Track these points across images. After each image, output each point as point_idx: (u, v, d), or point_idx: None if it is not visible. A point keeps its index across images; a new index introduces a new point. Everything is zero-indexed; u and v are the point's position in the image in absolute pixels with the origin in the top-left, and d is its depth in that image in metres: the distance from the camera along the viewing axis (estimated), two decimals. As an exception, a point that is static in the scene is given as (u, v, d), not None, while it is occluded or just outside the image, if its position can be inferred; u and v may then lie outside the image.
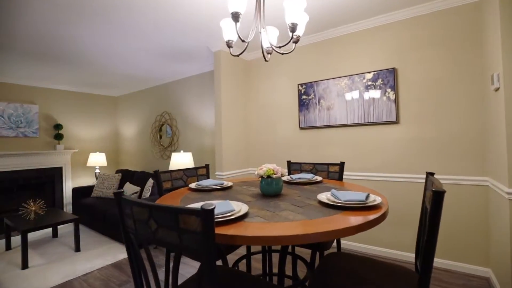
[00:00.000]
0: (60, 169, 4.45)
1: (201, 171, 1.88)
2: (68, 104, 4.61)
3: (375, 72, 2.48)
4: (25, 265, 2.53)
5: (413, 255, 2.34)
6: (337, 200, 1.07)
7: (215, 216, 0.89)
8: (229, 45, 1.53)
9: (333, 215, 0.94)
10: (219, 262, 2.25)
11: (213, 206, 0.65)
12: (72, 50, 3.03)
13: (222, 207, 0.97)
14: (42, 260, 2.72)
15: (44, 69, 3.65)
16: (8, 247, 3.02)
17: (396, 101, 2.39)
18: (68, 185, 4.53)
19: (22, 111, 4.04)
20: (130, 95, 5.09)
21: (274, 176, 1.27)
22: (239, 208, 0.99)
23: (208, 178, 1.93)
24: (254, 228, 0.83)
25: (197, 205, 1.07)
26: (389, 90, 2.41)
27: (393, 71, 2.39)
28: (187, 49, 3.08)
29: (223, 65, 3.03)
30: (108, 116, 5.22)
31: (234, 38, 1.53)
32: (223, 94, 3.03)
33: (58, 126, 4.36)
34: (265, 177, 1.29)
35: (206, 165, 1.92)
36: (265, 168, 1.29)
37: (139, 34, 2.66)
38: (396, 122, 2.39)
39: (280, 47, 1.43)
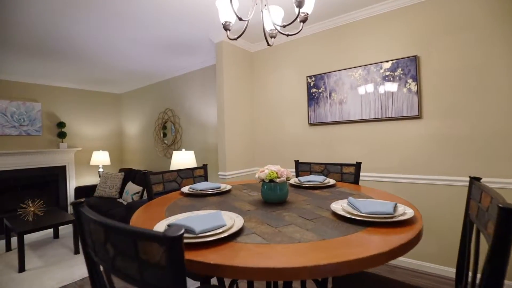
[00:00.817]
0: (63, 167, 4.38)
1: (198, 172, 1.68)
2: (71, 101, 4.52)
3: (393, 61, 2.21)
4: (22, 268, 2.44)
5: (439, 267, 2.07)
6: (356, 212, 0.85)
7: (198, 235, 0.69)
8: (226, 27, 1.32)
9: (352, 234, 0.72)
10: (214, 281, 2.06)
11: (181, 232, 0.45)
12: (71, 45, 2.91)
13: (210, 220, 0.77)
14: (40, 262, 2.63)
15: (46, 66, 3.56)
16: (8, 248, 2.95)
17: (419, 93, 2.11)
18: (72, 184, 4.45)
19: (25, 109, 3.98)
20: (133, 92, 4.96)
21: (278, 180, 1.06)
22: (232, 222, 0.79)
23: (206, 179, 1.74)
24: (247, 254, 0.62)
25: (179, 218, 0.87)
26: (410, 80, 2.14)
27: (414, 60, 2.12)
28: (188, 39, 2.89)
29: (225, 57, 2.82)
30: (112, 114, 5.11)
31: (231, 19, 1.33)
32: (226, 88, 2.82)
33: (61, 124, 4.28)
34: (267, 181, 1.08)
35: (203, 165, 1.72)
36: (267, 170, 1.08)
37: (137, 24, 2.49)
38: (419, 116, 2.12)
39: (284, 26, 1.21)
